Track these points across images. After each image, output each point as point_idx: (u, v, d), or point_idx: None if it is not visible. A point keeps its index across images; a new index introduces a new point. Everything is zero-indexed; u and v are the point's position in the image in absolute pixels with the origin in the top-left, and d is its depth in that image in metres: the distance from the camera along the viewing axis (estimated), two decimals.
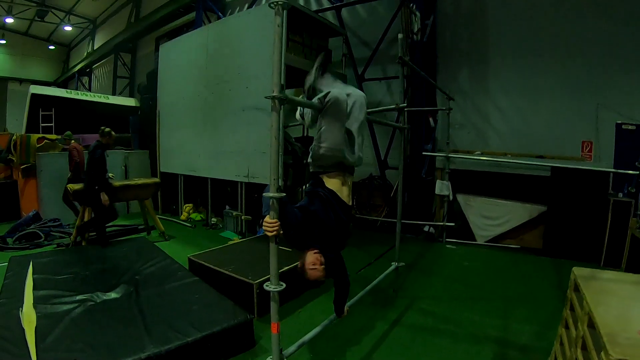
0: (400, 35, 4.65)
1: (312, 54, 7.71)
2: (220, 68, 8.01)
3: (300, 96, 2.99)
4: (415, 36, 7.86)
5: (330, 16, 9.68)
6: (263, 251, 4.93)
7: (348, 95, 2.78)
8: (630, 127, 6.84)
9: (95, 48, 21.99)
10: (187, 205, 9.43)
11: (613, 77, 6.94)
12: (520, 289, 5.15)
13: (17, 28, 22.87)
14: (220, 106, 7.98)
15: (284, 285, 2.33)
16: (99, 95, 14.37)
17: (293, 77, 7.45)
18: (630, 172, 6.21)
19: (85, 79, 23.67)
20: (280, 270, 2.37)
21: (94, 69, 23.17)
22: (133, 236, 7.47)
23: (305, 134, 8.87)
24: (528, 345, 3.64)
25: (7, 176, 9.49)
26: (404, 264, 5.06)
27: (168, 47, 9.85)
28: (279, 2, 2.18)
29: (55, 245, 6.87)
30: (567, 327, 2.73)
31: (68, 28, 22.59)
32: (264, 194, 2.31)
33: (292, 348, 2.70)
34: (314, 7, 10.11)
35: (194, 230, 8.42)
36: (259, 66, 7.01)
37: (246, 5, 10.95)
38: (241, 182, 7.72)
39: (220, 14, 11.69)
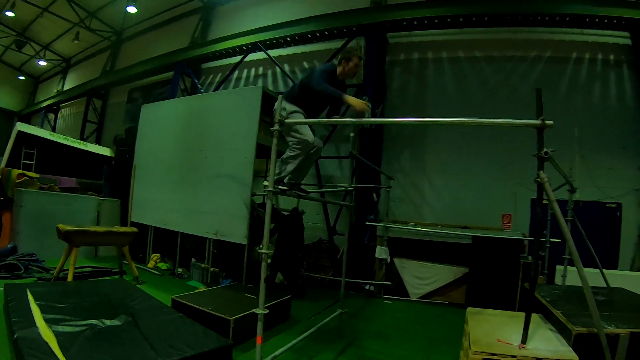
0: (352, 134, 7.11)
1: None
2: (198, 136, 9.96)
3: None
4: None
5: None
6: (231, 296, 6.99)
7: None
8: (544, 202, 9.37)
9: (65, 88, 24.07)
10: (154, 254, 10.90)
11: (530, 160, 9.49)
12: (443, 333, 6.88)
13: None
14: (196, 170, 9.82)
15: (267, 310, 4.15)
16: (79, 141, 15.79)
17: (263, 151, 9.29)
18: (541, 239, 8.74)
19: (51, 116, 25.35)
20: (249, 312, 4.31)
21: (61, 107, 24.96)
22: (107, 278, 8.71)
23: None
24: None
25: None
26: (347, 310, 6.85)
27: (150, 108, 11.91)
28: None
29: (36, 279, 7.98)
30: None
31: (42, 63, 24.58)
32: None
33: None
34: (282, 88, 12.78)
35: (162, 278, 9.77)
36: (233, 141, 9.08)
37: (220, 75, 13.70)
38: (209, 239, 9.46)
39: (195, 79, 14.26)
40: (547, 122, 3.82)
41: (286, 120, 4.54)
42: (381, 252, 9.67)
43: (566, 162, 9.01)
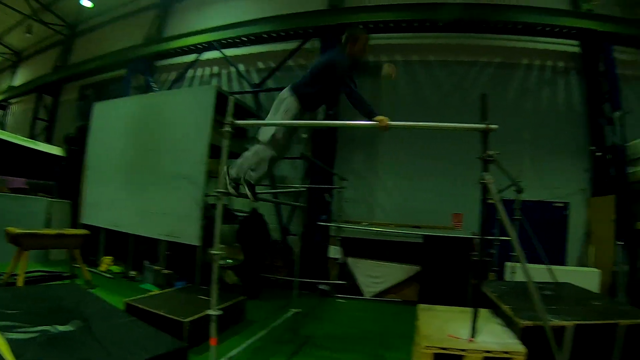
0: (304, 135, 7.27)
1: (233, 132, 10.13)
2: (150, 136, 9.87)
3: None
4: None
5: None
6: (185, 298, 7.03)
7: None
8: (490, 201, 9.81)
9: (16, 83, 23.18)
10: (106, 257, 10.81)
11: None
12: (397, 330, 7.15)
13: None
14: (149, 170, 9.72)
15: (221, 311, 4.20)
16: (28, 140, 15.51)
17: (215, 151, 9.60)
18: (491, 237, 9.12)
19: (0, 112, 24.26)
20: (203, 313, 4.33)
21: (11, 103, 24.07)
22: (59, 282, 8.41)
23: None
24: None
25: None
26: (300, 310, 7.04)
27: (102, 106, 11.60)
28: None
29: None
30: None
31: None
32: None
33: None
34: (236, 88, 12.85)
35: (114, 281, 9.74)
36: (186, 141, 9.07)
37: (174, 73, 13.65)
38: (163, 240, 9.47)
39: (149, 77, 14.14)
40: (491, 126, 4.08)
41: (236, 122, 4.52)
42: (334, 252, 9.91)
43: (516, 164, 9.54)
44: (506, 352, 3.87)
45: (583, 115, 11.69)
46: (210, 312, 4.21)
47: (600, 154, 11.04)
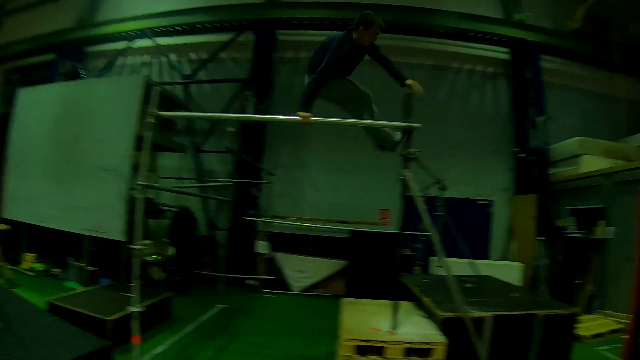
0: (231, 129, 7.31)
1: (159, 124, 10.01)
2: (76, 126, 9.57)
3: None
4: None
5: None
6: (109, 296, 6.82)
7: None
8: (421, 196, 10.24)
9: None
10: (29, 254, 10.32)
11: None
12: (325, 324, 7.23)
13: None
14: (74, 162, 9.43)
15: (144, 308, 4.23)
16: None
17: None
18: (415, 233, 9.54)
19: None
20: (128, 311, 4.26)
21: None
22: None
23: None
24: (327, 357, 5.70)
25: None
26: (227, 305, 7.27)
27: (27, 93, 11.11)
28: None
29: None
30: None
31: None
32: None
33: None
34: (167, 79, 12.60)
35: (37, 280, 9.43)
36: (113, 132, 8.86)
37: (104, 61, 13.32)
38: (88, 236, 9.17)
39: (78, 64, 13.72)
40: (414, 124, 4.42)
41: (159, 112, 4.56)
42: (262, 246, 10.00)
43: (443, 163, 10.00)
44: (426, 343, 4.07)
45: (509, 118, 12.44)
46: (132, 309, 4.23)
47: (523, 155, 11.78)
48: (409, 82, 4.85)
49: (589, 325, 7.56)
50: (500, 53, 12.56)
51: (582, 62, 12.73)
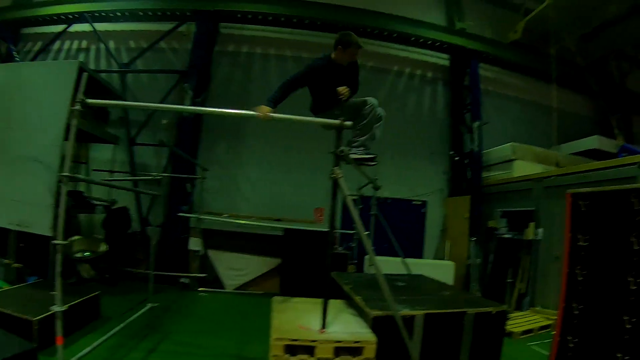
0: (164, 121, 7.17)
1: (90, 113, 9.50)
2: (5, 111, 8.69)
3: None
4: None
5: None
6: (36, 295, 6.44)
7: None
8: (354, 198, 10.40)
9: None
10: None
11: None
12: (258, 323, 6.98)
13: None
14: (1, 150, 8.59)
15: (67, 306, 4.05)
16: None
17: (82, 135, 8.95)
18: (349, 232, 9.76)
19: None
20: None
21: None
22: None
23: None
24: (259, 357, 5.64)
25: None
26: (159, 304, 7.11)
27: None
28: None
29: None
30: None
31: None
32: None
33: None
34: (104, 67, 12.20)
35: None
36: (41, 120, 8.21)
37: (40, 43, 12.81)
38: (14, 231, 8.49)
39: (12, 45, 13.12)
40: (346, 123, 4.49)
41: (88, 100, 4.44)
42: (195, 243, 9.86)
43: (379, 162, 10.17)
44: (356, 342, 4.07)
45: (446, 122, 12.89)
46: (55, 308, 4.02)
47: (458, 158, 12.23)
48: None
49: (520, 321, 7.99)
50: (440, 59, 12.99)
51: (519, 72, 13.40)
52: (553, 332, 5.36)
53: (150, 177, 8.33)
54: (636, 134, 14.70)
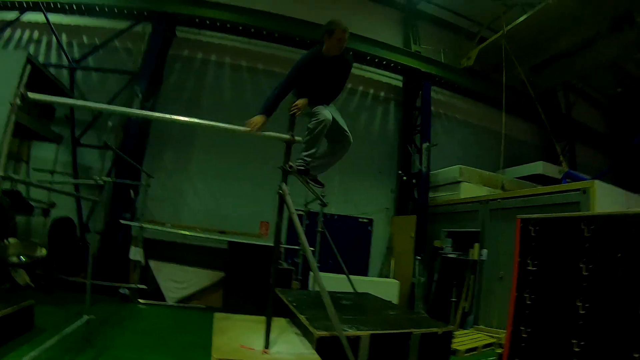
0: (110, 124, 7.01)
1: (35, 109, 9.25)
2: None
3: None
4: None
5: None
6: None
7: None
8: (300, 213, 10.46)
9: None
10: None
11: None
12: (200, 338, 6.86)
13: None
14: None
15: None
16: None
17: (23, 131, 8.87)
18: (295, 247, 9.82)
19: None
20: None
21: None
22: None
23: None
24: None
25: None
26: (94, 317, 6.83)
27: None
28: None
29: None
30: None
31: None
32: None
33: None
34: (55, 61, 11.65)
35: None
36: None
37: None
38: None
39: None
40: (297, 138, 4.45)
41: (29, 95, 4.17)
42: (136, 253, 9.52)
43: (327, 179, 10.23)
44: None
45: (395, 142, 13.27)
46: None
47: (406, 178, 12.51)
48: None
49: (464, 339, 8.18)
50: (394, 79, 13.37)
51: (470, 97, 13.90)
52: (498, 350, 5.55)
53: (92, 182, 8.04)
54: (579, 161, 15.51)
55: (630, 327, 4.17)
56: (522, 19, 11.97)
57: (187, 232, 9.81)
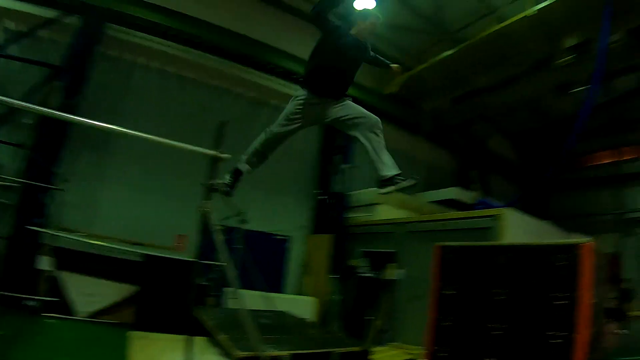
0: (26, 120, 6.55)
1: None
2: None
3: None
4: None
5: None
6: None
7: None
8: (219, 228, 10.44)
9: None
10: None
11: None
12: (111, 357, 6.45)
13: None
14: None
15: None
16: None
17: None
18: (210, 262, 9.69)
19: None
20: None
21: None
22: None
23: None
24: None
25: None
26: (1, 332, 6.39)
27: None
28: None
29: None
30: None
31: None
32: None
33: None
34: None
35: None
36: None
37: None
38: None
39: None
40: (224, 155, 4.51)
41: None
42: (45, 262, 8.93)
43: (245, 195, 10.17)
44: None
45: (316, 162, 13.65)
46: None
47: (324, 197, 12.92)
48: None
49: (381, 356, 8.47)
50: None
51: (392, 123, 14.32)
52: None
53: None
54: (492, 189, 16.61)
55: (540, 348, 4.63)
56: (447, 53, 12.74)
57: (101, 242, 9.42)
